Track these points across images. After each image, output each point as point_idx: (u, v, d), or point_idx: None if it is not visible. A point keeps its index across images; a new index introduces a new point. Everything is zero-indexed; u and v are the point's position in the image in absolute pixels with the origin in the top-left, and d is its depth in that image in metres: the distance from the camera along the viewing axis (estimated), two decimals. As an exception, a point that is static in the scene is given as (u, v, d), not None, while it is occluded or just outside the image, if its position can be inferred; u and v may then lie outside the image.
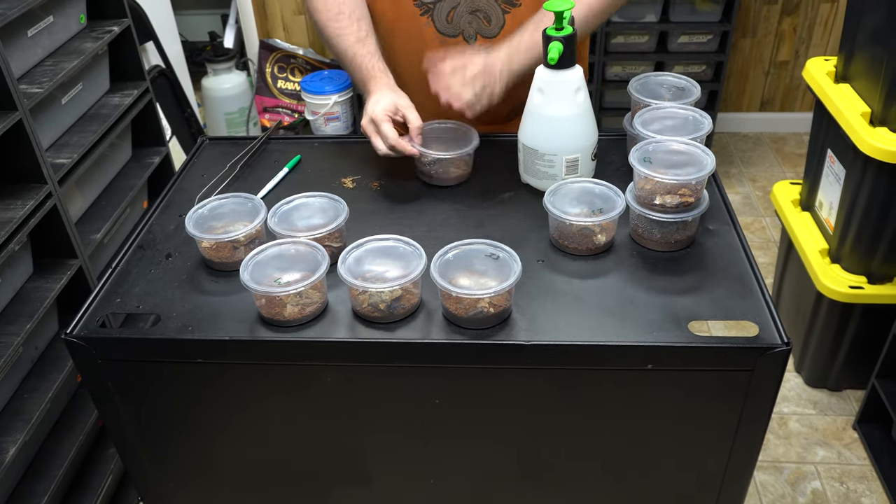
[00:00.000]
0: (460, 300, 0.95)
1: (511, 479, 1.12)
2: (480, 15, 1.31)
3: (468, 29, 1.33)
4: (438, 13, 1.32)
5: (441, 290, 0.96)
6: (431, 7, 1.31)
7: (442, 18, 1.32)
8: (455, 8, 1.31)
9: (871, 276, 1.90)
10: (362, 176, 1.30)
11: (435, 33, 1.34)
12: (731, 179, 3.10)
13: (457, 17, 1.31)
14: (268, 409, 1.07)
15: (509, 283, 0.94)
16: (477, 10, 1.31)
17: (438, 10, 1.31)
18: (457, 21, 1.32)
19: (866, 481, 1.90)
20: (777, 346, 0.92)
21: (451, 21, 1.32)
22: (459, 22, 1.32)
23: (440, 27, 1.33)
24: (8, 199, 1.47)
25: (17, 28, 1.51)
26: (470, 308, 0.95)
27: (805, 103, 3.33)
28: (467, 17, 1.31)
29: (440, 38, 1.34)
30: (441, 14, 1.32)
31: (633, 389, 0.99)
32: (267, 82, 3.27)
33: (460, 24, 1.32)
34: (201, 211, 1.12)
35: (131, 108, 1.86)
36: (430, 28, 1.33)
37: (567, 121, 1.16)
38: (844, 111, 1.82)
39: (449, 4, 1.31)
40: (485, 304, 0.95)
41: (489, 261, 1.00)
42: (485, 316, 0.96)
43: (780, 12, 3.11)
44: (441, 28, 1.33)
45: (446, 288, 0.94)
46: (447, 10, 1.31)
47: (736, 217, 1.15)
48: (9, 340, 1.42)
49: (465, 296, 0.94)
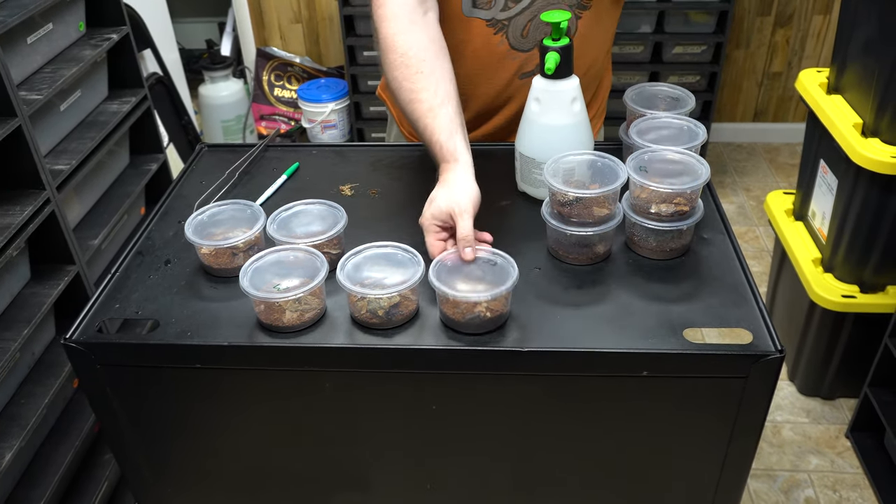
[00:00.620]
0: (458, 304, 0.96)
1: (507, 485, 1.12)
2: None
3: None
4: (513, 29, 1.27)
5: (438, 295, 0.97)
6: (506, 24, 1.26)
7: (517, 34, 1.27)
8: (531, 21, 1.26)
9: (864, 285, 1.91)
10: (360, 183, 1.31)
11: (508, 50, 1.29)
12: (724, 189, 3.12)
13: (532, 30, 1.27)
14: (266, 415, 1.07)
15: (506, 286, 0.95)
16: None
17: (513, 27, 1.27)
18: (532, 34, 1.28)
19: (859, 489, 1.91)
20: (771, 354, 0.94)
21: (526, 35, 1.27)
22: (535, 34, 1.28)
23: (514, 43, 1.28)
24: (6, 205, 1.47)
25: (17, 35, 1.52)
26: (467, 312, 0.96)
27: (798, 114, 3.35)
28: (543, 28, 1.26)
29: (513, 54, 1.30)
30: (516, 30, 1.27)
31: (628, 396, 1.00)
32: (264, 90, 3.28)
33: (536, 36, 1.28)
34: (200, 217, 1.12)
35: (129, 115, 1.87)
36: (504, 45, 1.29)
37: (563, 130, 1.17)
38: (837, 122, 1.84)
39: (524, 18, 1.26)
40: (482, 308, 0.96)
41: (487, 266, 1.01)
42: (481, 321, 0.97)
43: (773, 24, 3.14)
44: (515, 44, 1.28)
45: (443, 291, 0.95)
46: (523, 24, 1.26)
47: (730, 226, 1.16)
48: (6, 346, 1.42)
49: (462, 299, 0.95)
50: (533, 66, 1.31)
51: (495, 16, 1.26)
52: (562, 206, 1.07)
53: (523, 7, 1.25)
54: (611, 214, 1.07)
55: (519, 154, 1.22)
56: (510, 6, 1.25)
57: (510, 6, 1.25)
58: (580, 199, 1.06)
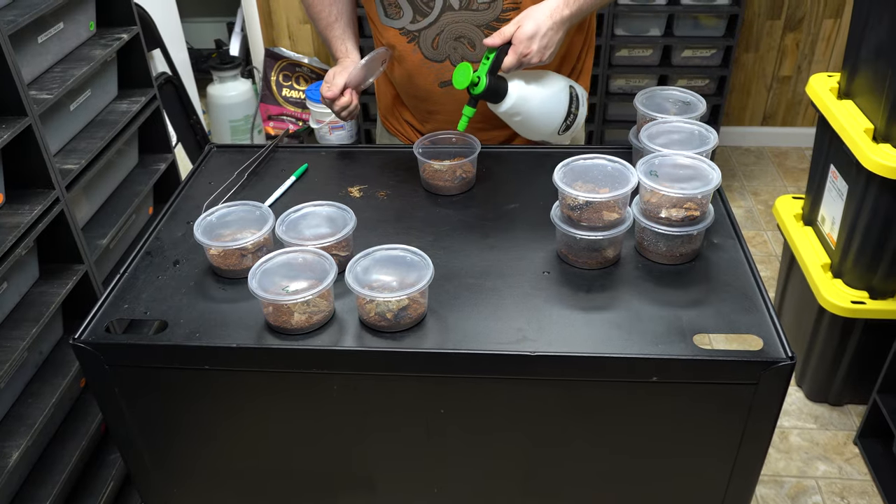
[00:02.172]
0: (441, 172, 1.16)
1: (514, 489, 1.12)
2: (464, 41, 1.34)
3: (453, 54, 1.35)
4: (424, 40, 1.35)
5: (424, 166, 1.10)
6: (417, 35, 1.35)
7: (428, 45, 1.35)
8: (440, 35, 1.33)
9: (873, 291, 1.90)
10: (369, 185, 1.30)
11: (423, 59, 1.37)
12: (733, 193, 3.11)
13: (441, 44, 1.34)
14: (273, 417, 1.07)
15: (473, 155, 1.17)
16: (461, 36, 1.33)
17: (424, 38, 1.35)
18: (442, 47, 1.35)
19: (867, 496, 1.90)
20: (781, 361, 0.93)
21: (436, 47, 1.35)
22: (444, 48, 1.35)
23: (427, 53, 1.36)
24: (15, 204, 1.47)
25: (28, 35, 1.52)
26: (451, 177, 1.21)
27: (807, 118, 3.34)
28: (452, 44, 1.34)
29: (427, 64, 1.37)
30: (427, 41, 1.35)
31: (637, 401, 0.99)
32: (272, 90, 3.28)
33: (445, 50, 1.35)
34: (209, 218, 1.12)
35: (139, 115, 1.87)
36: (418, 54, 1.37)
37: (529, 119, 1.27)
38: (847, 127, 1.83)
39: (433, 32, 1.33)
40: (460, 172, 1.22)
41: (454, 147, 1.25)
42: (461, 181, 1.21)
43: (782, 28, 3.12)
44: (427, 54, 1.36)
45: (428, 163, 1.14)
46: (432, 37, 1.34)
47: (741, 231, 1.15)
48: (14, 345, 1.42)
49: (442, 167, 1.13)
50: (449, 76, 1.36)
51: (405, 26, 1.35)
52: (571, 210, 1.07)
53: (430, 21, 1.32)
54: (621, 219, 1.07)
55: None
56: (418, 19, 1.33)
57: (418, 19, 1.33)
58: (590, 203, 1.05)
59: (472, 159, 1.27)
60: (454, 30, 1.33)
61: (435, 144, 1.32)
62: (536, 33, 1.18)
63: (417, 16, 1.33)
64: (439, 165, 1.26)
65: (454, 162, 1.26)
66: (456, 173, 1.26)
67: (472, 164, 1.27)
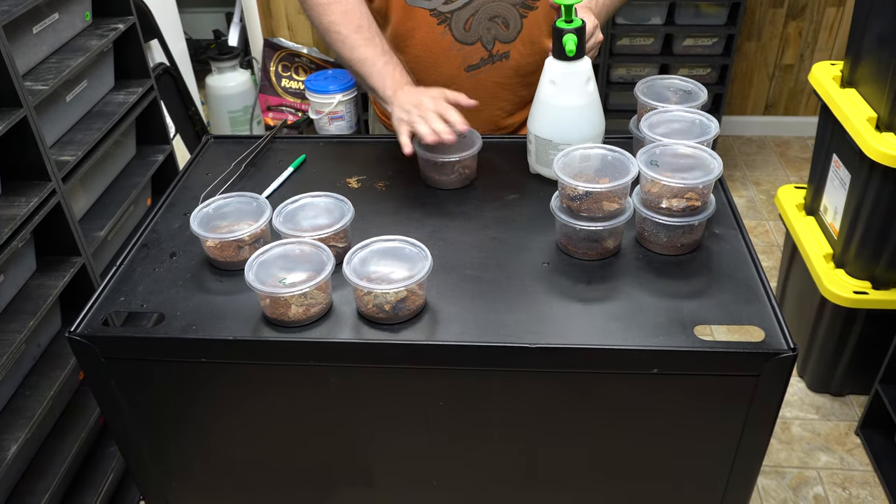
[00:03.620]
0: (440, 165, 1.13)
1: (515, 481, 1.11)
2: (499, 20, 1.30)
3: (486, 35, 1.32)
4: (456, 22, 1.30)
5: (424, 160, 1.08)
6: (449, 16, 1.30)
7: (460, 27, 1.30)
8: (473, 15, 1.29)
9: (876, 281, 1.89)
10: (368, 176, 1.29)
11: (452, 41, 1.33)
12: (734, 183, 3.09)
13: (475, 25, 1.30)
14: (271, 410, 1.07)
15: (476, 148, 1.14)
16: (496, 15, 1.30)
17: (456, 19, 1.30)
18: (475, 28, 1.31)
19: (869, 487, 1.90)
20: (783, 352, 0.92)
21: (468, 29, 1.31)
22: (477, 29, 1.31)
23: (458, 35, 1.32)
24: (12, 196, 1.47)
25: (23, 25, 1.51)
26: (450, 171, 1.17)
27: (809, 107, 3.32)
28: (486, 24, 1.30)
29: (457, 46, 1.33)
30: (459, 23, 1.30)
31: (638, 393, 0.99)
32: (271, 81, 3.27)
33: (478, 31, 1.31)
34: (206, 210, 1.11)
35: (136, 106, 1.86)
36: (448, 37, 1.32)
37: (580, 110, 1.19)
38: (850, 116, 1.82)
39: (467, 12, 1.29)
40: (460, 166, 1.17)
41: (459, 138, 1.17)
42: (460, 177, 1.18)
43: (785, 16, 3.10)
44: (458, 36, 1.32)
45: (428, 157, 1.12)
46: (465, 18, 1.30)
47: (742, 221, 1.14)
48: (11, 338, 1.41)
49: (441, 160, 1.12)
50: (478, 60, 1.35)
51: (437, 7, 1.29)
52: (571, 201, 1.06)
53: (465, 2, 1.28)
54: (621, 209, 1.06)
55: (534, 137, 1.22)
56: (451, 0, 1.28)
57: (451, 0, 1.28)
58: (590, 194, 1.04)
59: (473, 154, 1.24)
60: (489, 9, 1.29)
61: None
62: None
63: None
64: (442, 160, 1.23)
65: (455, 157, 1.23)
66: (455, 168, 1.25)
67: (473, 159, 1.26)
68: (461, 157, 1.22)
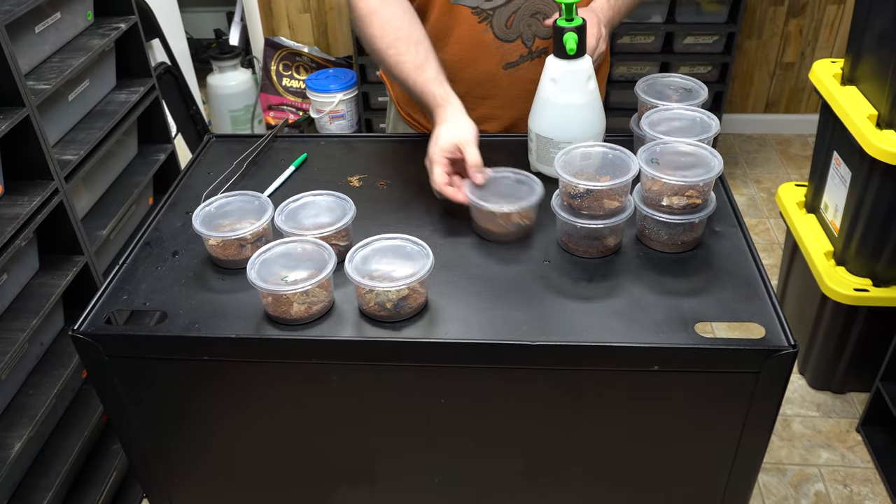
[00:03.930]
0: (494, 217, 1.08)
1: (515, 479, 1.12)
2: (540, 16, 1.29)
3: (527, 32, 1.31)
4: (498, 19, 1.29)
5: (477, 213, 1.09)
6: (491, 14, 1.29)
7: (501, 24, 1.29)
8: (515, 12, 1.28)
9: (877, 278, 1.89)
10: (369, 175, 1.30)
11: (493, 39, 1.31)
12: (735, 181, 3.09)
13: (517, 22, 1.29)
14: (273, 408, 1.07)
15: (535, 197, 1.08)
16: (537, 12, 1.29)
17: (498, 17, 1.29)
18: (516, 25, 1.30)
19: (870, 484, 1.90)
20: (784, 349, 0.92)
21: (510, 26, 1.29)
22: (519, 25, 1.30)
23: (499, 33, 1.30)
24: (15, 196, 1.47)
25: (25, 24, 1.51)
26: (507, 223, 1.08)
27: (810, 105, 3.32)
28: (527, 21, 1.29)
29: (497, 44, 1.32)
30: (501, 20, 1.29)
31: (638, 390, 0.99)
32: (272, 80, 3.27)
33: (519, 28, 1.30)
34: (208, 209, 1.12)
35: (138, 105, 1.87)
36: (489, 34, 1.31)
37: (581, 108, 1.19)
38: (851, 114, 1.82)
39: (509, 10, 1.28)
40: (518, 217, 1.08)
41: (513, 184, 1.13)
42: (521, 228, 1.10)
43: (786, 14, 3.10)
44: (499, 34, 1.30)
45: (478, 204, 1.06)
46: (507, 15, 1.28)
47: (743, 219, 1.15)
48: (14, 336, 1.42)
49: (498, 210, 1.07)
50: (517, 57, 1.34)
51: (480, 5, 1.28)
52: (572, 199, 1.06)
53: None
54: (622, 207, 1.06)
55: (535, 135, 1.22)
56: None
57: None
58: (591, 192, 1.05)
59: (533, 203, 1.09)
60: (531, 6, 1.28)
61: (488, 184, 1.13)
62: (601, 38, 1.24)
63: None
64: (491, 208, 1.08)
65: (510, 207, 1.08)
66: (513, 219, 1.10)
67: (533, 208, 1.10)
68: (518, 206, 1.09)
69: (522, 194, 1.11)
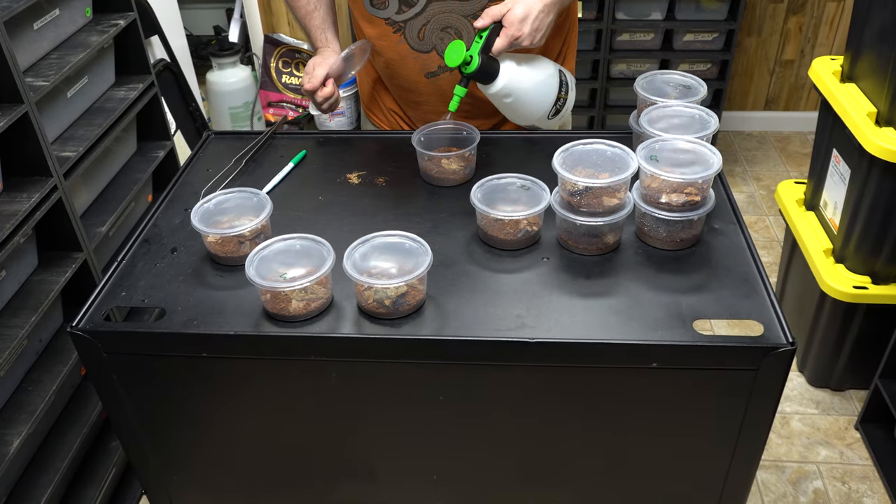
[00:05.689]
0: (504, 224, 1.07)
1: (514, 475, 1.12)
2: (451, 31, 1.33)
3: (440, 44, 1.34)
4: (410, 31, 1.34)
5: (485, 219, 1.08)
6: (402, 25, 1.34)
7: (414, 36, 1.34)
8: (426, 25, 1.32)
9: (876, 276, 1.90)
10: (368, 172, 1.30)
11: (409, 49, 1.36)
12: (735, 178, 3.09)
13: (428, 34, 1.33)
14: (271, 404, 1.07)
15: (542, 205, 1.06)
16: (447, 26, 1.32)
17: (409, 29, 1.34)
18: (428, 38, 1.34)
19: (868, 481, 1.90)
20: (782, 346, 0.92)
21: (422, 38, 1.34)
22: (431, 38, 1.34)
23: (413, 44, 1.35)
24: (13, 192, 1.47)
25: (24, 21, 1.51)
26: (514, 230, 1.07)
27: (809, 102, 3.32)
28: (438, 34, 1.33)
29: (413, 54, 1.37)
30: (412, 32, 1.34)
31: (637, 387, 0.99)
32: (271, 77, 3.27)
33: (432, 41, 1.34)
34: (207, 205, 1.12)
35: (136, 102, 1.86)
36: (404, 44, 1.36)
37: (528, 93, 1.26)
38: (850, 111, 1.82)
39: (419, 22, 1.32)
40: (525, 224, 1.07)
41: (521, 191, 1.13)
42: (529, 235, 1.09)
43: (785, 11, 3.10)
44: (413, 45, 1.35)
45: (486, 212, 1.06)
46: (418, 27, 1.33)
47: (742, 216, 1.15)
48: (13, 333, 1.42)
49: (505, 217, 1.06)
50: (435, 67, 1.38)
51: (391, 17, 1.33)
52: (571, 196, 1.06)
53: (416, 12, 1.31)
54: (621, 204, 1.06)
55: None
56: (404, 10, 1.31)
57: (404, 10, 1.31)
58: (590, 189, 1.05)
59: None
60: (441, 20, 1.32)
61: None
62: (528, 16, 1.18)
63: (403, 6, 1.31)
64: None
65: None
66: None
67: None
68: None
69: (529, 200, 1.11)
